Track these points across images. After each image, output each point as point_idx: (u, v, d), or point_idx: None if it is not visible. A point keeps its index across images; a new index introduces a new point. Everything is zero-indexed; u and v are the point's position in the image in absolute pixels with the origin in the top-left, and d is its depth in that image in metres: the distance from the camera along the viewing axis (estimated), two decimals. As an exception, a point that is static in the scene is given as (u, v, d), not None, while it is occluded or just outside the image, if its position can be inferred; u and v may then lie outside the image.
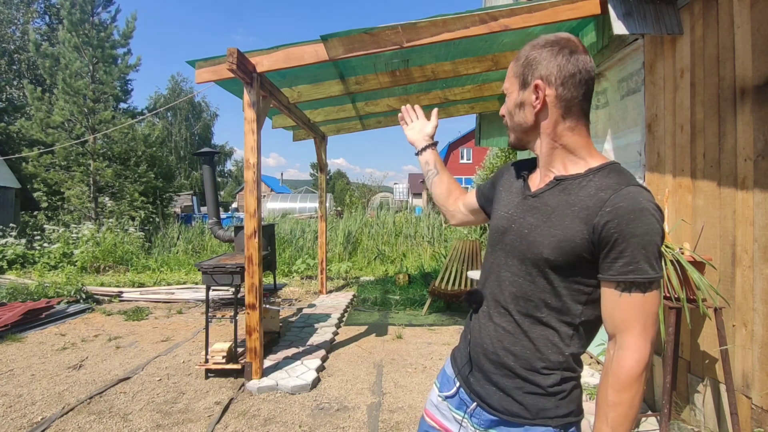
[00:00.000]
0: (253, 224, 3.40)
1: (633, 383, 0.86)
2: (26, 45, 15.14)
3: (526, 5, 2.93)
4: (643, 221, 0.84)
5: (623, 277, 0.86)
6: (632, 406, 0.86)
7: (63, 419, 2.93)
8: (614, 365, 0.88)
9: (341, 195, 30.87)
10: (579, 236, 0.89)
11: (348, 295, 6.75)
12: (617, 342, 0.89)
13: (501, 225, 1.06)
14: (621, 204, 0.86)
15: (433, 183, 1.37)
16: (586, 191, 0.92)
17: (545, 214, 0.96)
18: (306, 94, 4.61)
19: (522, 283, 0.98)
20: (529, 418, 0.96)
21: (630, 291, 0.86)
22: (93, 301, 6.47)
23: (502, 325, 1.01)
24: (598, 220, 0.87)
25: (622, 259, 0.86)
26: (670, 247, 2.26)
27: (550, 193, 0.98)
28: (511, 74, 1.05)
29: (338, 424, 2.87)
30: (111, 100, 12.48)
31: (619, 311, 0.88)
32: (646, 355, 0.86)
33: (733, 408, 2.09)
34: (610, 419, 0.87)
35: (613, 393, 0.87)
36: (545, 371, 0.96)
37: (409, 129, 1.44)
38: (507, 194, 1.12)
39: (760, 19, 2.07)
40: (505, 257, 1.03)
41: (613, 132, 3.45)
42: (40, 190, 12.57)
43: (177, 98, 31.59)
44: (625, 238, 0.85)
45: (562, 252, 0.91)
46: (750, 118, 2.12)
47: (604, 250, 0.88)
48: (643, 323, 0.86)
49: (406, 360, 4.03)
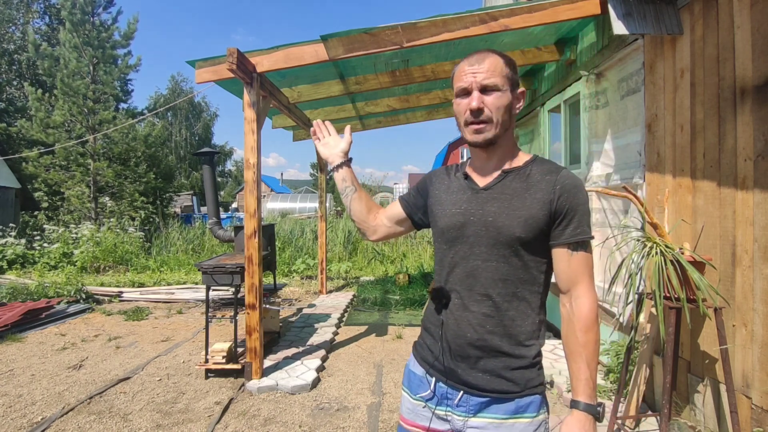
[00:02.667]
0: (253, 224, 3.40)
1: (594, 322, 1.05)
2: (26, 45, 15.14)
3: (526, 5, 2.93)
4: (582, 193, 1.07)
5: (574, 238, 1.05)
6: (597, 342, 1.05)
7: (63, 419, 2.93)
8: (576, 312, 1.06)
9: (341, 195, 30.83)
10: (541, 213, 1.06)
11: (348, 295, 6.75)
12: (572, 294, 1.07)
13: (456, 221, 1.14)
14: (566, 182, 1.07)
15: (352, 200, 1.36)
16: (533, 177, 1.10)
17: (505, 201, 1.09)
18: (306, 94, 4.61)
19: (497, 266, 1.08)
20: (518, 391, 1.07)
21: (578, 249, 1.06)
22: (93, 301, 6.48)
23: (482, 311, 1.09)
24: (552, 196, 1.06)
25: (572, 225, 1.06)
26: (670, 247, 2.26)
27: (502, 184, 1.12)
28: (503, 73, 1.08)
29: (338, 424, 2.87)
30: (111, 101, 12.48)
31: (572, 268, 1.07)
32: (596, 299, 1.07)
33: (733, 408, 2.09)
34: (585, 356, 1.04)
35: (581, 334, 1.05)
36: (527, 342, 1.08)
37: (322, 145, 1.41)
38: (449, 195, 1.19)
39: (760, 19, 2.07)
40: (470, 248, 1.11)
41: (613, 132, 3.45)
42: (40, 190, 12.58)
43: (177, 98, 31.58)
44: (572, 207, 1.05)
45: (530, 228, 1.05)
46: (750, 118, 2.12)
47: (557, 219, 1.06)
48: (589, 274, 1.07)
49: (406, 360, 4.01)
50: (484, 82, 1.07)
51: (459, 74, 1.12)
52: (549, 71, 4.74)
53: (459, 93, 1.12)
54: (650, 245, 2.29)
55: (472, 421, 1.09)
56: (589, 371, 1.03)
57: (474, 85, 1.07)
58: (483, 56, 1.09)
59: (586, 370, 1.03)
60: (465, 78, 1.09)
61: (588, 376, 1.02)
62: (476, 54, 1.11)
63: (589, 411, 1.01)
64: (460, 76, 1.11)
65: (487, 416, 1.08)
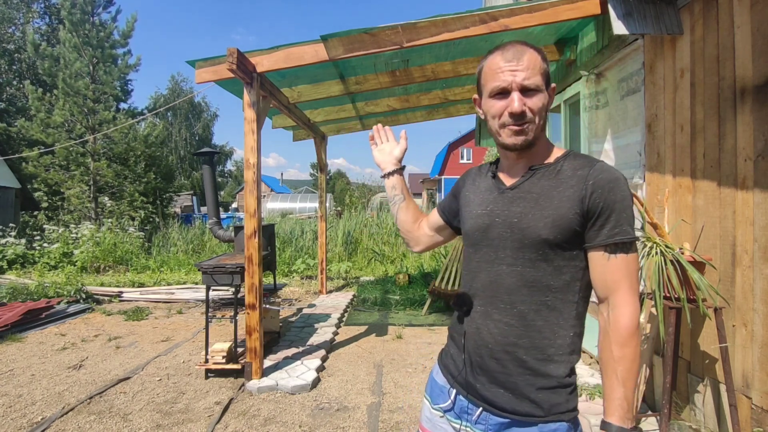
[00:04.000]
0: (253, 224, 3.40)
1: (633, 336, 0.93)
2: (27, 45, 15.15)
3: (526, 5, 2.93)
4: (620, 188, 0.95)
5: (611, 239, 0.93)
6: (635, 358, 0.92)
7: (63, 419, 2.93)
8: (612, 323, 0.94)
9: (341, 195, 30.84)
10: (571, 212, 0.95)
11: (348, 295, 6.75)
12: (610, 302, 0.95)
13: (482, 222, 1.06)
14: (600, 176, 0.95)
15: (400, 209, 1.32)
16: (564, 173, 0.99)
17: (531, 200, 1.00)
18: (306, 94, 4.61)
19: (522, 271, 0.99)
20: (542, 416, 0.96)
21: (617, 252, 0.94)
22: (93, 301, 6.48)
23: (505, 320, 1.00)
24: (584, 193, 0.95)
25: (609, 224, 0.94)
26: (670, 247, 2.26)
27: (529, 182, 1.02)
28: (542, 71, 0.98)
29: (338, 424, 2.87)
30: (111, 100, 12.48)
31: (610, 273, 0.95)
32: (638, 308, 0.95)
33: (733, 408, 2.09)
34: (619, 373, 0.92)
35: (617, 348, 0.93)
36: (557, 357, 0.97)
37: (378, 150, 1.36)
38: (476, 195, 1.12)
39: (760, 19, 2.07)
40: (495, 252, 1.03)
41: (613, 132, 3.45)
42: (40, 190, 12.58)
43: (177, 98, 31.58)
44: (608, 205, 0.93)
45: (559, 229, 0.95)
46: (750, 118, 2.12)
47: (591, 219, 0.95)
48: (630, 280, 0.95)
49: (406, 360, 4.03)
50: (526, 82, 0.96)
51: (493, 71, 0.99)
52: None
53: (494, 92, 0.99)
54: (650, 245, 2.29)
55: None
56: (624, 390, 0.91)
57: (514, 86, 0.96)
58: (521, 51, 0.98)
59: (620, 388, 0.91)
60: (502, 76, 0.97)
61: (622, 395, 0.91)
62: (511, 47, 0.99)
63: None
64: (494, 74, 0.99)
65: None
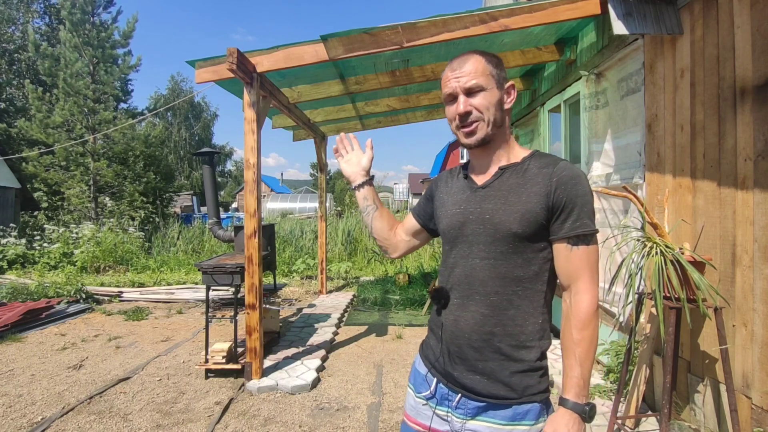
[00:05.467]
0: (253, 224, 3.40)
1: (591, 320, 1.01)
2: (27, 45, 15.15)
3: (526, 5, 2.93)
4: (582, 184, 1.04)
5: (573, 232, 1.02)
6: (593, 340, 1.02)
7: (63, 419, 2.93)
8: (573, 308, 1.03)
9: (341, 195, 30.82)
10: (538, 206, 1.03)
11: (348, 295, 6.75)
12: (572, 289, 1.04)
13: (457, 220, 1.14)
14: (563, 173, 1.04)
15: (374, 218, 1.35)
16: (530, 172, 1.08)
17: (502, 197, 1.08)
18: (306, 94, 4.61)
19: (494, 264, 1.07)
20: (516, 398, 1.04)
21: (578, 244, 1.03)
22: (93, 301, 6.48)
23: (481, 311, 1.07)
24: (549, 188, 1.03)
25: (571, 218, 1.02)
26: (670, 246, 2.26)
27: (499, 181, 1.11)
28: (485, 72, 1.08)
29: (338, 424, 2.87)
30: (111, 101, 12.49)
31: (572, 263, 1.04)
32: (597, 295, 1.04)
33: (733, 408, 2.09)
34: (578, 354, 1.01)
35: (576, 332, 1.02)
36: (528, 343, 1.06)
37: (345, 162, 1.38)
38: (450, 196, 1.20)
39: (760, 19, 2.07)
40: (470, 247, 1.11)
41: (613, 132, 3.44)
42: (40, 190, 12.57)
43: (177, 98, 31.57)
44: (571, 199, 1.02)
45: (527, 223, 1.04)
46: (750, 118, 2.12)
47: (556, 213, 1.03)
48: (591, 270, 1.03)
49: (406, 360, 4.02)
50: (467, 84, 1.07)
51: (444, 81, 1.13)
52: (549, 71, 4.73)
53: (446, 99, 1.12)
54: (650, 245, 2.29)
55: (470, 424, 1.08)
56: (581, 369, 1.00)
57: (458, 90, 1.08)
58: (463, 60, 1.10)
59: (577, 367, 1.00)
60: (449, 84, 1.10)
61: (579, 374, 1.00)
62: (457, 58, 1.12)
63: (576, 410, 0.99)
64: (444, 83, 1.12)
65: (484, 420, 1.07)
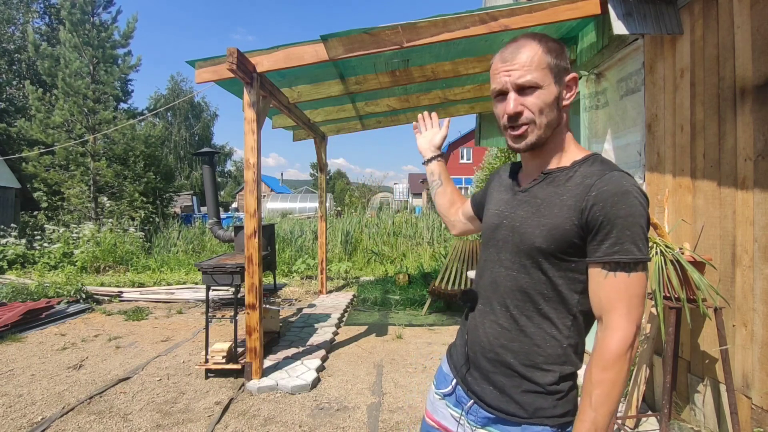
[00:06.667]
0: (253, 224, 3.40)
1: (616, 362, 0.85)
2: (26, 45, 15.15)
3: (526, 5, 2.93)
4: (627, 203, 0.86)
5: (609, 257, 0.87)
6: (615, 385, 0.85)
7: (63, 419, 2.93)
8: (599, 345, 0.88)
9: (341, 195, 30.85)
10: (568, 222, 0.90)
11: (348, 295, 6.75)
12: (603, 322, 0.89)
13: (492, 222, 1.07)
14: (605, 188, 0.87)
15: (437, 193, 1.38)
16: (573, 181, 0.94)
17: (535, 206, 0.97)
18: (306, 94, 4.61)
19: (517, 276, 0.98)
20: (526, 417, 0.95)
21: (615, 271, 0.87)
22: (93, 301, 6.48)
23: (499, 322, 1.01)
24: (584, 204, 0.89)
25: (608, 241, 0.87)
26: (670, 247, 2.26)
27: (538, 186, 0.99)
28: (542, 65, 0.93)
29: (338, 424, 2.87)
30: (111, 101, 12.47)
31: (605, 292, 0.88)
32: (631, 335, 0.86)
33: (733, 408, 2.09)
34: (593, 398, 0.86)
35: (597, 372, 0.87)
36: (545, 366, 0.95)
37: (420, 137, 1.43)
38: (498, 193, 1.14)
39: (760, 19, 2.07)
40: (497, 252, 1.03)
41: (612, 132, 3.44)
42: (40, 190, 12.57)
43: (177, 98, 31.57)
44: (609, 219, 0.86)
45: (553, 240, 0.92)
46: (750, 118, 2.12)
47: (591, 233, 0.89)
48: (627, 303, 0.86)
49: (406, 360, 4.03)
50: (520, 80, 0.93)
51: (492, 73, 0.98)
52: (549, 71, 4.73)
53: (495, 95, 0.99)
54: (650, 245, 2.29)
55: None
56: (595, 415, 0.85)
57: (509, 85, 0.94)
58: (517, 47, 0.94)
59: (590, 412, 0.86)
60: (498, 78, 0.96)
61: (591, 419, 0.86)
62: (511, 45, 0.95)
63: None
64: (493, 77, 0.97)
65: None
